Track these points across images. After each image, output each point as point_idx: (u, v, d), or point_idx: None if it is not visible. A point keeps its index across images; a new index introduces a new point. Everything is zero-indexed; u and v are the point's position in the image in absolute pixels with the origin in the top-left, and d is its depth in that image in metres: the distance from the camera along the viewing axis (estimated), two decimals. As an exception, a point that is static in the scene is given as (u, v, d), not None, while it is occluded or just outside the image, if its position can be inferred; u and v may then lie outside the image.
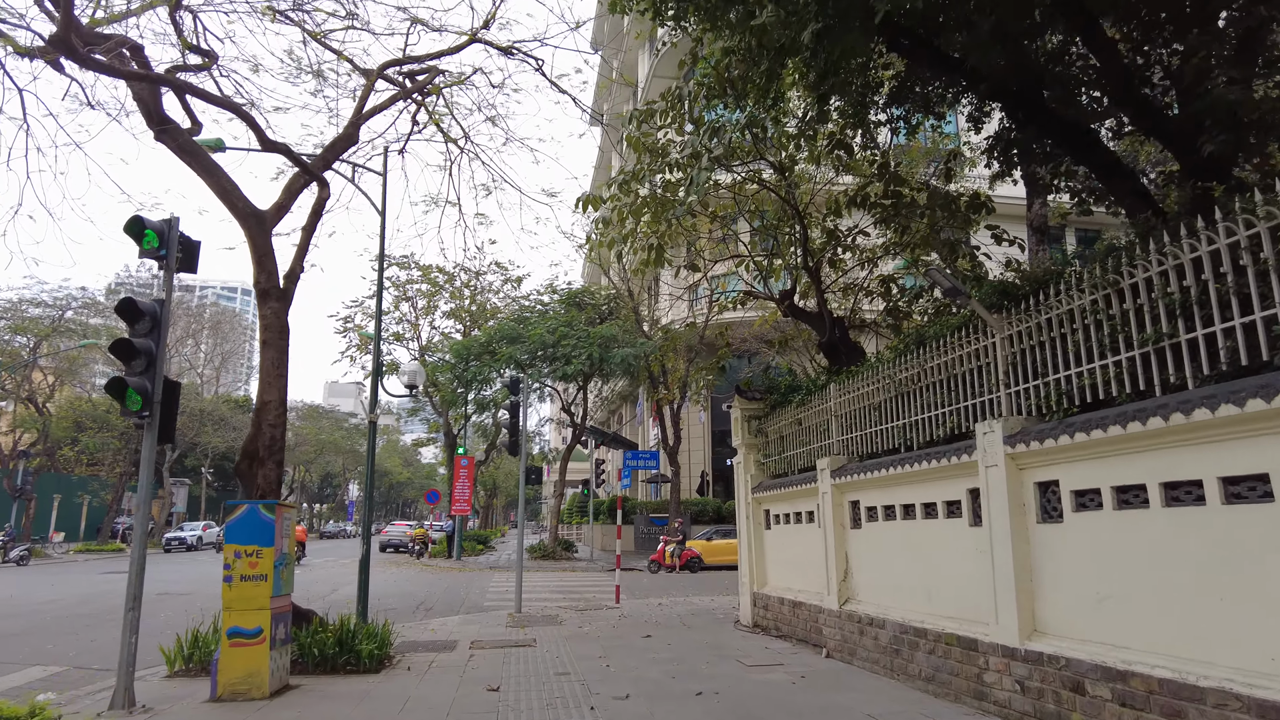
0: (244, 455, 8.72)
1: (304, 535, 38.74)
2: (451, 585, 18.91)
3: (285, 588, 7.07)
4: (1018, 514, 5.50)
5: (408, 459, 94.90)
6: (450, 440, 33.22)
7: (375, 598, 15.88)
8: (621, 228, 11.09)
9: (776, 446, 10.53)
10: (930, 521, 6.76)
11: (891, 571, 7.36)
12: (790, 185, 11.32)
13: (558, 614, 12.50)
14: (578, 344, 23.74)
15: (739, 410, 11.30)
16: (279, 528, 6.85)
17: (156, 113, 8.80)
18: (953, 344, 6.61)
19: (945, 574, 6.48)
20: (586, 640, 9.68)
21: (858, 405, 8.27)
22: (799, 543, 9.60)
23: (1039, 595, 5.32)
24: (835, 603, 8.23)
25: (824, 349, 10.88)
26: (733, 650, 8.85)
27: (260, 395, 8.86)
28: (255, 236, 9.13)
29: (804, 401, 9.59)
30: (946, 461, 6.31)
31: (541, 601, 14.84)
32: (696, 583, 19.20)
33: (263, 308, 8.98)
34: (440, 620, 12.03)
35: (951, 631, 6.14)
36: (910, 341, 7.58)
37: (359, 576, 10.26)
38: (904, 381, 7.36)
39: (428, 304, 33.05)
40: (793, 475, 9.84)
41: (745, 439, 11.21)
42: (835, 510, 8.35)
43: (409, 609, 14.11)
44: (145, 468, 6.27)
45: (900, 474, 7.04)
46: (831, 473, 8.39)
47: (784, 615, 9.71)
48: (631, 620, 11.67)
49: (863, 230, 12.29)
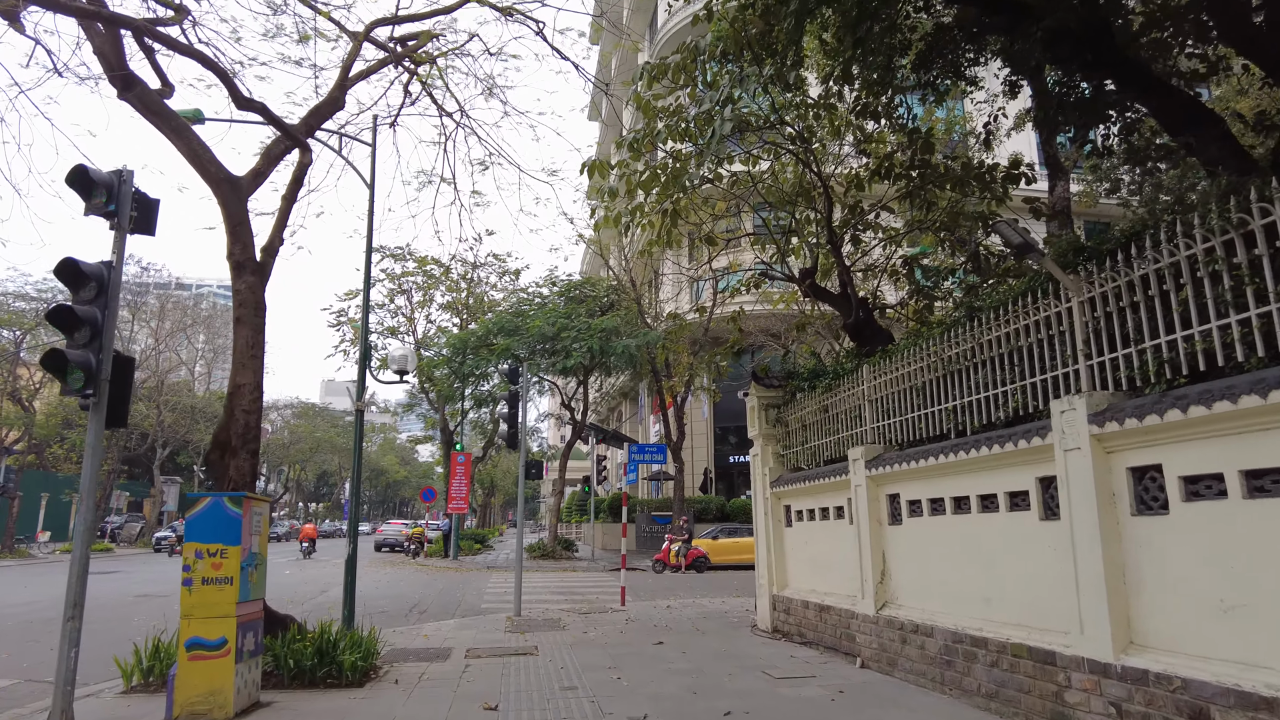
0: (215, 445, 7.88)
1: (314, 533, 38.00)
2: (447, 586, 18.08)
3: (255, 591, 6.24)
4: (1106, 505, 4.68)
5: (405, 457, 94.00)
6: (447, 437, 32.36)
7: (367, 600, 15.06)
8: (630, 200, 10.27)
9: (798, 437, 9.71)
10: (989, 515, 5.95)
11: (939, 573, 6.54)
12: (809, 150, 10.48)
13: (560, 617, 11.68)
14: (578, 336, 22.92)
15: (755, 398, 10.48)
16: (247, 523, 6.02)
17: (119, 67, 7.96)
18: (1016, 313, 5.80)
19: (1009, 575, 5.67)
20: (593, 648, 8.86)
21: (896, 388, 7.46)
22: (826, 541, 8.79)
23: (1135, 601, 4.50)
24: (871, 607, 7.42)
25: (849, 331, 10.07)
26: (755, 659, 8.03)
27: (233, 378, 8.02)
28: (229, 204, 8.29)
29: (831, 386, 8.77)
30: (1012, 446, 5.49)
31: (542, 604, 14.02)
32: (704, 583, 18.38)
33: (237, 282, 8.14)
34: (434, 624, 11.20)
35: (1020, 642, 5.32)
36: (960, 315, 6.77)
37: (345, 578, 9.43)
38: (954, 359, 6.55)
39: (424, 297, 32.19)
40: (818, 467, 9.03)
41: (762, 429, 10.40)
42: (870, 505, 7.54)
43: (401, 612, 13.28)
44: (90, 457, 5.44)
45: (951, 463, 6.22)
46: (866, 463, 7.57)
47: (809, 620, 8.89)
48: (640, 625, 10.85)
49: (886, 206, 11.47)
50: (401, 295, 32.13)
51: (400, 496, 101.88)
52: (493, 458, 58.68)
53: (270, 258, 8.66)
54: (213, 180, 8.30)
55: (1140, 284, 4.68)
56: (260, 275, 8.30)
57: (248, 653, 6.00)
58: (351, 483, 9.74)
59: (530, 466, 12.63)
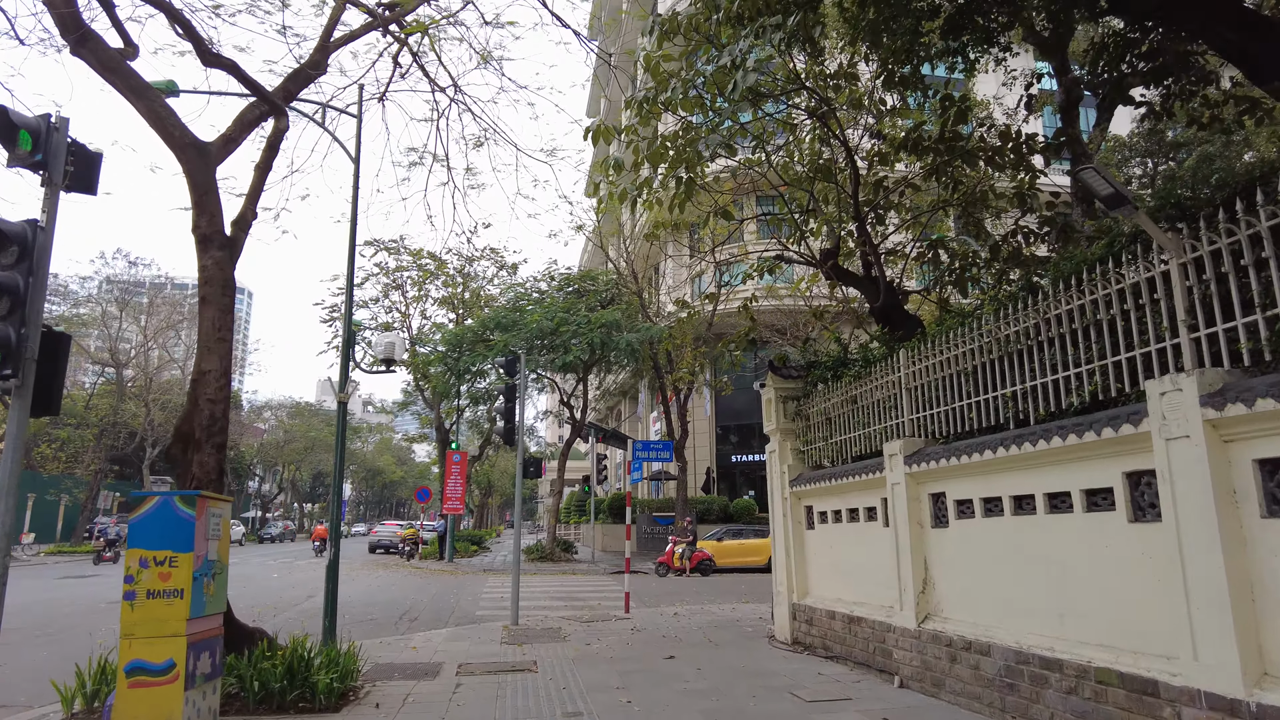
0: (176, 438, 7.05)
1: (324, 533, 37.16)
2: (441, 591, 17.25)
3: (213, 605, 5.41)
4: (1226, 505, 3.88)
5: (401, 457, 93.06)
6: (442, 436, 31.51)
7: (354, 606, 14.23)
8: (636, 174, 9.46)
9: (821, 431, 8.90)
10: (1060, 517, 5.15)
11: (996, 582, 5.74)
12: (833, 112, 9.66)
13: (560, 626, 10.86)
14: (577, 331, 22.11)
15: (773, 390, 9.67)
16: (203, 526, 5.19)
17: (72, 19, 7.14)
18: (1094, 282, 5.00)
19: (1087, 587, 4.86)
20: (598, 663, 8.05)
21: (940, 374, 6.65)
22: (855, 545, 7.98)
23: (1270, 624, 3.70)
24: (911, 620, 6.61)
25: (876, 315, 9.26)
26: (780, 677, 7.22)
27: (198, 364, 7.19)
28: (195, 171, 7.46)
29: (861, 374, 7.96)
30: (1093, 435, 4.69)
31: (541, 610, 13.21)
32: (710, 588, 17.57)
33: (202, 257, 7.31)
34: (425, 635, 10.38)
35: (1107, 666, 4.52)
36: (1019, 290, 5.97)
37: (326, 585, 8.60)
38: (1012, 339, 5.75)
39: (418, 292, 31.34)
40: (844, 464, 8.23)
41: (780, 423, 9.59)
42: (910, 505, 6.73)
43: (391, 620, 12.45)
44: (10, 449, 4.63)
45: (1011, 457, 5.42)
46: (905, 459, 6.77)
47: (835, 632, 8.08)
48: (647, 635, 10.04)
49: (911, 183, 10.67)
50: (396, 290, 31.32)
51: (397, 497, 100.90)
52: (489, 457, 57.85)
53: (241, 232, 7.84)
54: (177, 146, 7.48)
55: (1271, 235, 3.87)
56: (229, 250, 7.48)
57: (202, 676, 5.17)
58: (334, 481, 8.92)
59: (528, 464, 11.82)
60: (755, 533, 22.97)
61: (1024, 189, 9.46)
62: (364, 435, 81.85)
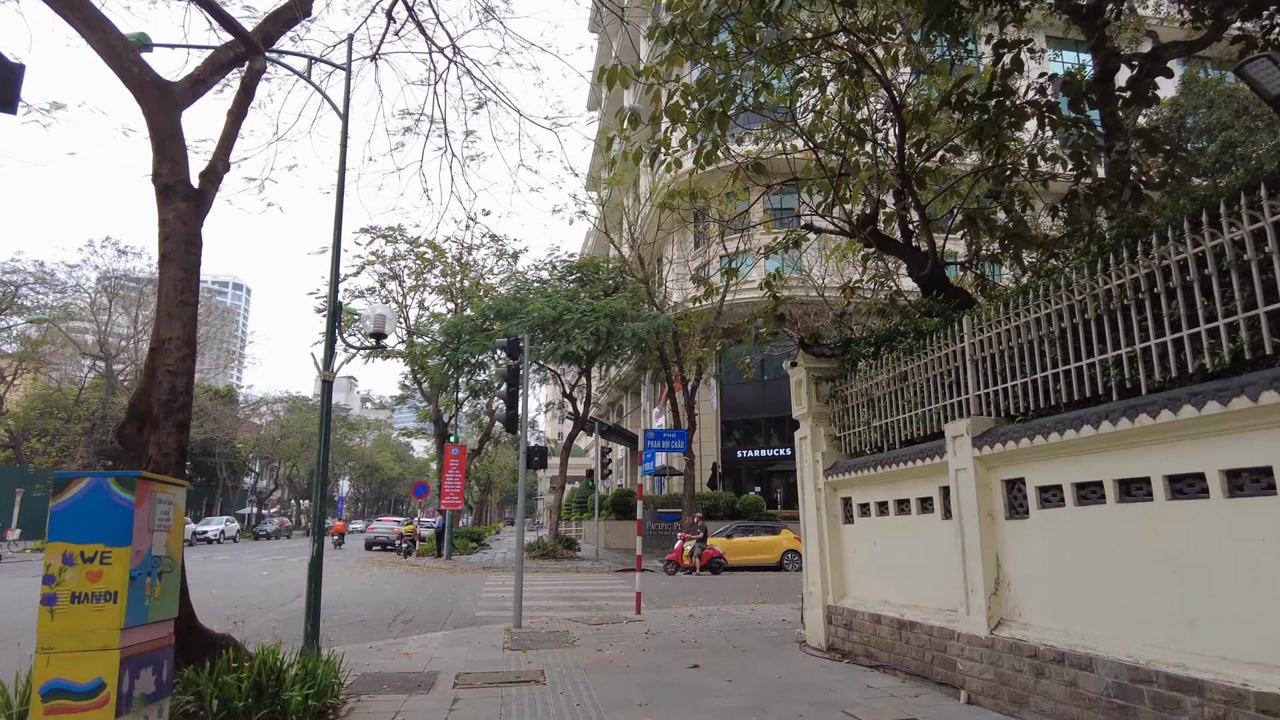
0: (131, 415, 6.13)
1: (343, 528, 36.19)
2: (439, 590, 16.33)
3: (159, 610, 4.48)
4: None
5: (400, 454, 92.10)
6: (441, 429, 30.58)
7: (346, 606, 13.32)
8: (655, 130, 8.53)
9: (861, 414, 7.98)
10: (1187, 504, 4.23)
11: (1097, 582, 4.82)
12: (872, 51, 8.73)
13: (567, 629, 9.94)
14: (582, 318, 21.18)
15: (804, 371, 8.75)
16: (144, 515, 4.27)
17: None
18: (1234, 218, 4.08)
19: (1230, 591, 3.95)
20: (613, 673, 7.13)
21: (1016, 342, 5.73)
22: (905, 541, 7.06)
23: None
24: (981, 625, 5.70)
25: (922, 285, 8.34)
26: (823, 691, 6.30)
27: (156, 331, 6.27)
28: (156, 114, 6.53)
29: (914, 348, 7.04)
30: (1246, 401, 3.77)
31: (545, 611, 12.30)
32: (722, 587, 16.64)
33: (164, 210, 6.38)
34: (420, 638, 9.46)
35: (1272, 692, 3.60)
36: (1114, 240, 5.05)
37: (309, 585, 7.66)
38: (1111, 295, 4.83)
39: (416, 281, 30.39)
40: (891, 450, 7.31)
41: (812, 407, 8.67)
42: (980, 493, 5.81)
43: (384, 621, 11.53)
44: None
45: (1120, 432, 4.50)
46: (973, 440, 5.85)
47: (881, 639, 7.16)
48: (663, 640, 9.12)
49: (953, 146, 9.75)
50: (393, 280, 30.38)
51: (395, 494, 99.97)
52: (489, 453, 56.93)
53: (211, 185, 6.91)
54: (136, 85, 6.55)
55: None
56: (194, 203, 6.54)
57: (143, 698, 4.25)
58: (318, 471, 8.00)
59: (533, 454, 10.90)
60: (765, 529, 22.08)
61: (1086, 148, 8.54)
62: (362, 431, 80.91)
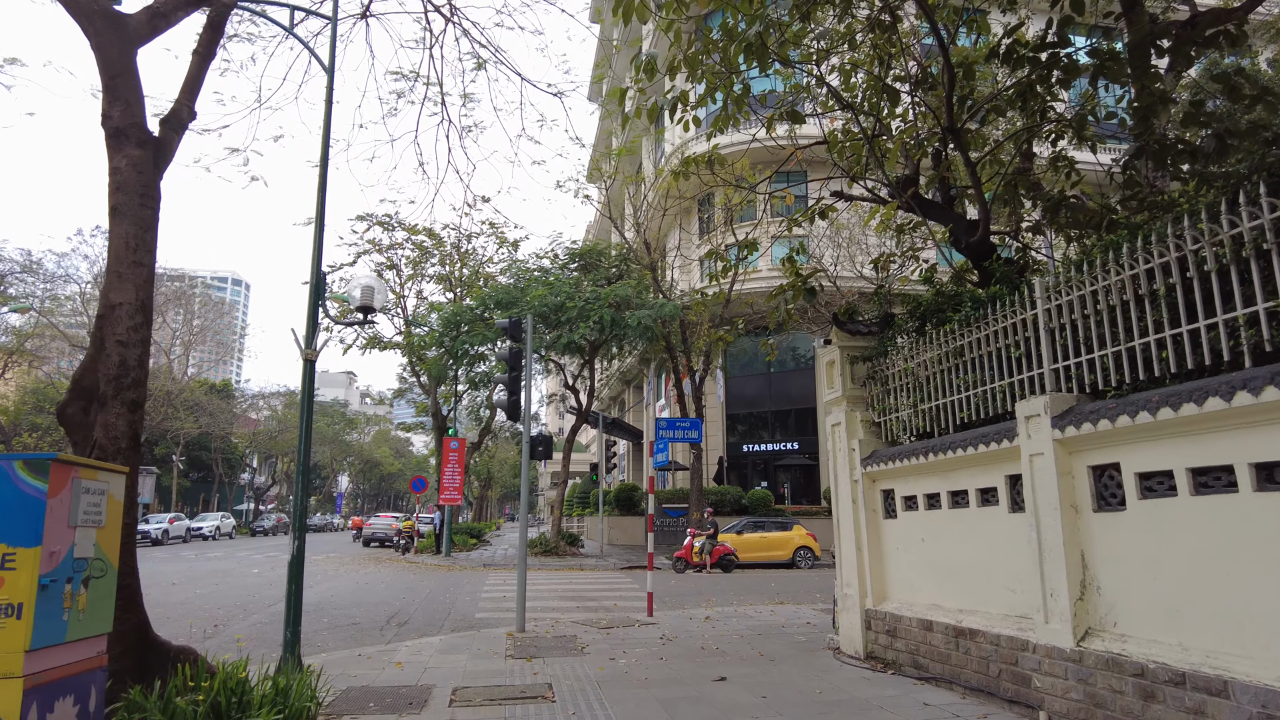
0: (75, 393, 5.30)
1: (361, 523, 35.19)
2: (437, 588, 15.52)
3: (86, 625, 3.66)
4: None
5: (400, 449, 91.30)
6: (439, 422, 29.74)
7: (337, 607, 12.51)
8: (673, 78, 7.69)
9: (905, 396, 7.16)
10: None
11: (1224, 588, 4.00)
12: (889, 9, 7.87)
13: (575, 634, 9.13)
14: (585, 306, 20.34)
15: (836, 350, 7.92)
16: (60, 506, 3.45)
17: None
18: None
19: None
20: (630, 686, 6.31)
21: (1104, 303, 4.90)
22: (961, 536, 6.24)
23: None
24: (1065, 636, 4.88)
25: (970, 252, 7.50)
26: (873, 709, 5.49)
27: (105, 295, 5.43)
28: (107, 47, 5.70)
29: (971, 319, 6.21)
30: None
31: (550, 613, 11.49)
32: (736, 585, 15.83)
33: (114, 157, 5.54)
34: (414, 644, 8.65)
35: None
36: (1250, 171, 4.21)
37: (289, 587, 6.83)
38: (1241, 241, 3.99)
39: (414, 271, 29.52)
40: (945, 435, 6.48)
41: (846, 389, 7.84)
42: (1061, 482, 4.99)
43: (376, 624, 10.71)
44: None
45: (1263, 405, 3.68)
46: (1053, 420, 5.02)
47: (933, 648, 6.34)
48: (682, 646, 8.31)
49: (996, 106, 8.89)
50: (390, 270, 29.50)
51: (394, 490, 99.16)
52: (489, 448, 56.14)
53: (173, 133, 6.08)
54: (83, 14, 5.71)
55: None
56: (152, 151, 5.70)
57: (61, 733, 3.43)
58: (299, 457, 7.16)
59: (537, 444, 10.08)
60: (776, 525, 21.28)
61: (1151, 101, 7.68)
62: (362, 427, 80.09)
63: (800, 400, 32.19)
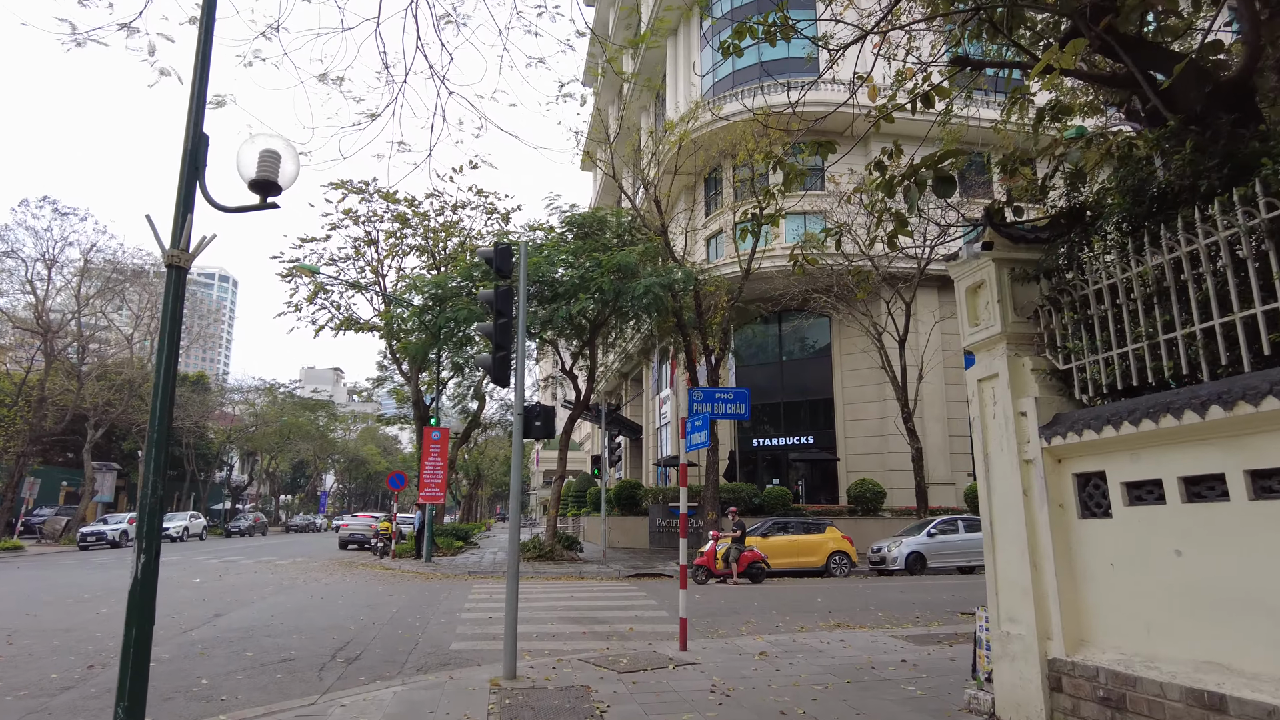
0: None
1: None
2: (408, 604, 12.76)
3: None
4: None
5: (387, 447, 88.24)
6: (421, 412, 26.97)
7: (275, 633, 9.56)
8: None
9: (1113, 328, 4.51)
10: None
11: None
12: None
13: (587, 683, 6.45)
14: (585, 276, 17.68)
15: (990, 266, 5.28)
16: None
17: None
18: None
19: None
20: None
21: None
22: (1246, 548, 3.58)
23: None
24: None
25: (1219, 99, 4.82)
26: None
27: None
28: None
29: (1250, 196, 3.55)
30: None
31: (549, 640, 8.82)
32: (774, 600, 13.13)
33: None
34: (355, 701, 5.93)
35: None
36: None
37: (125, 632, 4.10)
38: None
39: (392, 248, 26.73)
40: (1198, 384, 3.83)
41: (1007, 324, 5.18)
42: None
43: (317, 660, 7.98)
44: None
45: None
46: None
47: (1218, 741, 3.68)
48: (749, 710, 5.63)
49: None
50: (370, 246, 26.71)
51: (381, 489, 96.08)
52: (479, 444, 53.31)
53: None
54: None
55: None
56: None
57: None
58: (158, 428, 4.39)
59: (534, 416, 7.40)
60: (803, 526, 18.67)
61: None
62: (348, 424, 77.00)
63: (815, 391, 29.59)
